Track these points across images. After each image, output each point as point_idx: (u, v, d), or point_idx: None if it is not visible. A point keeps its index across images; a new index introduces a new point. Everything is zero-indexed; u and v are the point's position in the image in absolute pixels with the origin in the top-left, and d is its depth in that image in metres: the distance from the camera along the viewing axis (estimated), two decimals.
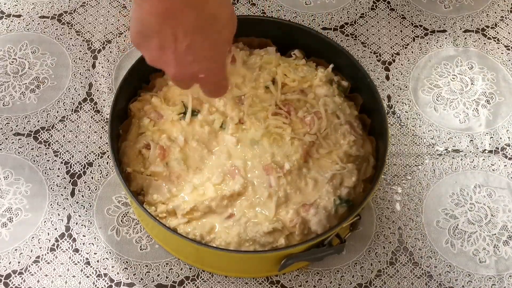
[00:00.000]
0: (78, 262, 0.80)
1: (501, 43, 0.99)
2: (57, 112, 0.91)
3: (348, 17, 1.02)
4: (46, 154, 0.88)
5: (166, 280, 0.79)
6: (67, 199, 0.84)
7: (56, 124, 0.90)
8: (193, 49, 0.64)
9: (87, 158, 0.87)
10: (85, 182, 0.86)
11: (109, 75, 0.94)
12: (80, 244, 0.81)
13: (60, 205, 0.84)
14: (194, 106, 0.81)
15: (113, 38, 0.98)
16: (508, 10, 1.03)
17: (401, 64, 0.97)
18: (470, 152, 0.89)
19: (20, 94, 0.93)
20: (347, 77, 0.86)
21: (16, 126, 0.90)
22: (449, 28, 1.01)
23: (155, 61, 0.67)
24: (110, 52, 0.96)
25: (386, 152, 0.76)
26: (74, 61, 0.96)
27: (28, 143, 0.88)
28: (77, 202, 0.84)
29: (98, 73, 0.95)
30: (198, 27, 0.63)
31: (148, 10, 0.62)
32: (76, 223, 0.83)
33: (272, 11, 1.02)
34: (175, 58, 0.65)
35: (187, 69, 0.66)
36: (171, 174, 0.77)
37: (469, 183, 0.87)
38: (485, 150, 0.90)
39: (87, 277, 0.79)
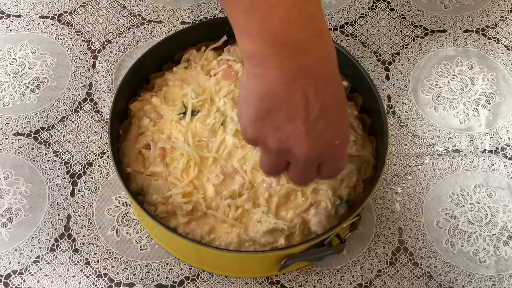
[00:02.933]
0: (78, 262, 0.80)
1: (501, 43, 0.99)
2: (57, 112, 0.91)
3: (348, 17, 1.02)
4: (46, 154, 0.88)
5: (166, 280, 0.79)
6: (67, 199, 0.84)
7: (56, 124, 0.90)
8: (324, 111, 0.56)
9: (87, 158, 0.87)
10: (85, 182, 0.86)
11: (109, 75, 0.94)
12: (80, 244, 0.81)
13: (60, 205, 0.84)
14: (194, 106, 0.81)
15: (113, 38, 0.98)
16: (508, 10, 1.03)
17: (401, 64, 0.97)
18: (470, 152, 0.89)
19: (20, 94, 0.93)
20: (347, 77, 0.86)
21: (16, 126, 0.90)
22: (449, 28, 1.01)
23: (282, 143, 0.57)
24: (110, 52, 0.96)
25: (386, 152, 0.76)
26: (74, 61, 0.96)
27: (28, 143, 0.88)
28: (77, 202, 0.84)
29: (98, 73, 0.95)
30: (328, 81, 0.56)
31: (276, 75, 0.54)
32: (76, 223, 0.83)
33: None
34: (307, 130, 0.56)
35: (321, 139, 0.57)
36: (171, 174, 0.77)
37: (469, 183, 0.87)
38: (485, 150, 0.90)
39: (87, 277, 0.79)
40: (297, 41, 0.53)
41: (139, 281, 0.79)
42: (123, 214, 0.84)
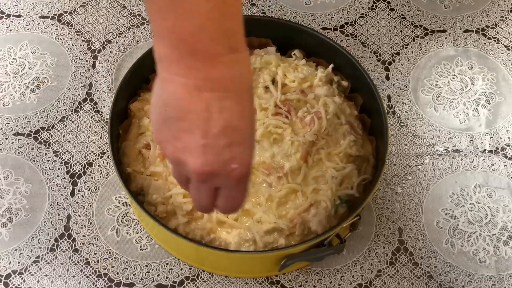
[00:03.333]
0: (78, 262, 0.80)
1: (501, 43, 0.99)
2: (57, 112, 0.91)
3: (348, 17, 1.02)
4: (46, 154, 0.88)
5: (166, 280, 0.79)
6: (67, 199, 0.84)
7: (56, 124, 0.90)
8: (227, 129, 0.53)
9: (87, 158, 0.87)
10: (85, 182, 0.86)
11: (109, 75, 0.94)
12: (80, 244, 0.81)
13: (60, 205, 0.84)
14: None
15: (113, 38, 0.98)
16: (508, 10, 1.03)
17: (401, 64, 0.97)
18: (470, 152, 0.89)
19: (20, 94, 0.93)
20: (347, 77, 0.86)
21: (16, 126, 0.90)
22: (449, 28, 1.01)
23: (178, 153, 0.55)
24: (110, 52, 0.96)
25: (386, 152, 0.76)
26: (74, 61, 0.96)
27: (28, 143, 0.88)
28: (77, 202, 0.84)
29: (98, 73, 0.95)
30: (238, 101, 0.54)
31: (182, 83, 0.53)
32: (76, 223, 0.83)
33: (272, 11, 1.02)
34: (205, 144, 0.53)
35: (218, 157, 0.54)
36: (171, 174, 0.77)
37: (469, 183, 0.87)
38: (485, 150, 0.90)
39: (87, 277, 0.79)
40: (207, 53, 0.52)
41: (139, 281, 0.79)
42: (123, 214, 0.84)
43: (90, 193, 0.85)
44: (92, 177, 0.86)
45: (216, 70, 0.52)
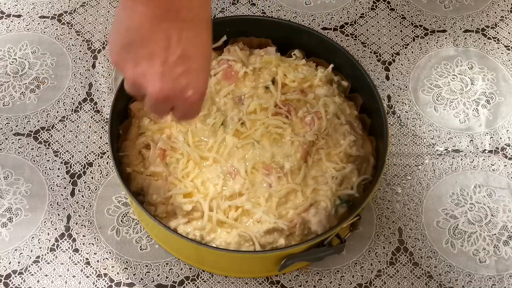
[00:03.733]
0: (78, 262, 0.80)
1: (501, 43, 0.99)
2: (57, 112, 0.91)
3: (348, 17, 1.02)
4: (46, 154, 0.88)
5: (166, 280, 0.79)
6: (67, 199, 0.84)
7: (56, 124, 0.90)
8: (185, 58, 0.58)
9: (87, 158, 0.87)
10: (85, 182, 0.86)
11: (109, 75, 0.94)
12: (80, 244, 0.81)
13: (60, 205, 0.84)
14: None
15: None
16: (508, 10, 1.03)
17: (401, 64, 0.97)
18: (470, 152, 0.89)
19: (20, 94, 0.93)
20: (347, 77, 0.86)
21: (16, 126, 0.90)
22: (449, 28, 1.01)
23: (137, 78, 0.59)
24: None
25: (386, 152, 0.76)
26: (74, 61, 0.96)
27: (28, 143, 0.88)
28: (77, 202, 0.84)
29: (98, 73, 0.95)
30: (195, 31, 0.58)
31: (143, 12, 0.56)
32: (76, 223, 0.83)
33: (272, 11, 1.02)
34: (163, 71, 0.57)
35: (175, 84, 0.58)
36: (171, 174, 0.77)
37: (469, 183, 0.87)
38: (485, 150, 0.90)
39: (87, 277, 0.79)
40: None
41: (139, 281, 0.79)
42: (123, 214, 0.84)
43: (90, 193, 0.85)
44: (92, 177, 0.86)
45: (176, 1, 0.56)
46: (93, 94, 0.93)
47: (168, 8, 0.56)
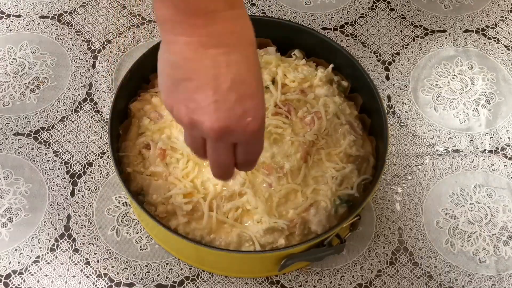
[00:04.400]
0: (78, 262, 0.80)
1: (501, 43, 0.99)
2: (57, 112, 0.91)
3: (348, 17, 1.02)
4: (46, 154, 0.88)
5: (166, 280, 0.79)
6: (67, 199, 0.84)
7: (56, 124, 0.90)
8: (237, 83, 0.54)
9: (87, 158, 0.87)
10: (85, 182, 0.86)
11: (109, 75, 0.94)
12: (80, 244, 0.81)
13: (60, 205, 0.84)
14: None
15: (113, 38, 0.98)
16: (508, 10, 1.03)
17: (401, 64, 0.97)
18: (470, 152, 0.89)
19: (20, 94, 0.93)
20: (347, 77, 0.86)
21: (16, 126, 0.90)
22: (449, 28, 1.01)
23: (192, 115, 0.55)
24: (110, 52, 0.97)
25: (386, 152, 0.76)
26: (74, 61, 0.96)
27: (28, 143, 0.88)
28: (77, 202, 0.84)
29: (98, 73, 0.95)
30: (242, 54, 0.55)
31: (186, 42, 0.54)
32: (76, 223, 0.83)
33: (272, 11, 1.02)
34: (216, 100, 0.54)
35: (231, 113, 0.54)
36: (171, 174, 0.77)
37: (469, 183, 0.87)
38: (485, 150, 0.90)
39: (87, 277, 0.79)
40: (207, 10, 0.53)
41: (139, 281, 0.79)
42: (123, 214, 0.84)
43: (90, 193, 0.85)
44: (92, 177, 0.86)
45: (218, 25, 0.54)
46: (93, 94, 0.93)
47: (211, 34, 0.54)
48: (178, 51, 0.54)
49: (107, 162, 0.87)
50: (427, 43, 0.99)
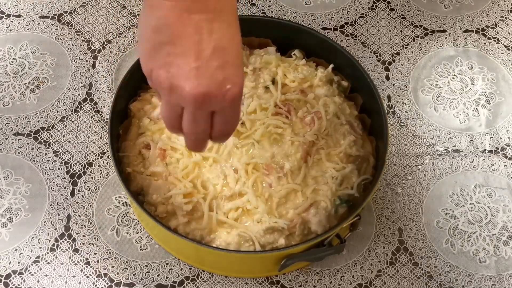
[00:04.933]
0: (78, 262, 0.80)
1: (501, 43, 0.99)
2: (57, 112, 0.91)
3: (348, 17, 1.02)
4: (46, 154, 0.88)
5: (166, 280, 0.79)
6: (67, 199, 0.84)
7: (56, 124, 0.90)
8: (219, 50, 0.55)
9: (87, 158, 0.87)
10: (85, 182, 0.86)
11: (109, 75, 0.94)
12: (80, 244, 0.81)
13: (60, 205, 0.84)
14: None
15: (113, 38, 0.98)
16: (508, 10, 1.03)
17: (401, 64, 0.97)
18: (470, 152, 0.89)
19: (20, 94, 0.93)
20: (347, 77, 0.86)
21: (16, 126, 0.90)
22: (449, 28, 1.01)
23: (173, 80, 0.56)
24: (110, 52, 0.97)
25: (386, 152, 0.76)
26: (74, 61, 0.96)
27: (28, 143, 0.88)
28: (77, 202, 0.84)
29: (98, 73, 0.95)
30: (225, 22, 0.56)
31: (170, 6, 0.54)
32: (76, 223, 0.83)
33: (272, 11, 1.02)
34: (198, 66, 0.55)
35: (212, 79, 0.55)
36: (171, 174, 0.77)
37: (469, 183, 0.87)
38: (485, 150, 0.90)
39: (87, 277, 0.79)
40: None
41: (139, 281, 0.79)
42: (123, 214, 0.84)
43: (90, 193, 0.85)
44: (92, 177, 0.86)
45: None
46: (93, 94, 0.93)
47: (196, 0, 0.54)
48: (161, 16, 0.54)
49: (107, 162, 0.87)
50: (427, 43, 0.99)
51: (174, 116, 0.59)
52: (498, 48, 0.99)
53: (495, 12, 1.03)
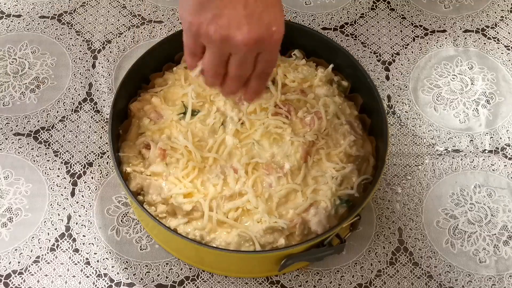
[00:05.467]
0: (78, 262, 0.80)
1: (501, 43, 0.99)
2: (57, 112, 0.91)
3: (348, 17, 1.02)
4: (46, 154, 0.88)
5: (166, 280, 0.79)
6: (67, 199, 0.84)
7: (56, 124, 0.90)
8: None
9: (87, 158, 0.87)
10: (85, 182, 0.86)
11: (109, 75, 0.94)
12: (80, 244, 0.81)
13: (60, 205, 0.84)
14: (194, 106, 0.81)
15: (113, 38, 0.98)
16: (508, 10, 1.03)
17: (401, 64, 0.97)
18: (470, 152, 0.89)
19: (20, 94, 0.93)
20: (347, 77, 0.86)
21: (16, 126, 0.90)
22: (449, 28, 1.01)
23: (224, 31, 0.59)
24: (110, 52, 0.97)
25: (386, 152, 0.76)
26: (74, 61, 0.96)
27: (28, 143, 0.88)
28: (77, 202, 0.84)
29: (98, 73, 0.95)
30: None
31: None
32: (76, 223, 0.83)
33: None
34: (246, 14, 0.58)
35: (260, 24, 0.59)
36: (171, 174, 0.77)
37: (469, 183, 0.87)
38: (485, 150, 0.90)
39: (87, 277, 0.79)
40: None
41: (139, 281, 0.79)
42: (123, 214, 0.84)
43: (90, 193, 0.85)
44: (92, 177, 0.86)
45: None
46: (93, 94, 0.93)
47: None
48: None
49: (107, 162, 0.87)
50: (427, 43, 0.99)
51: (221, 64, 0.63)
52: (498, 48, 0.99)
53: (495, 12, 1.03)
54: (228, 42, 0.59)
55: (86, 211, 0.84)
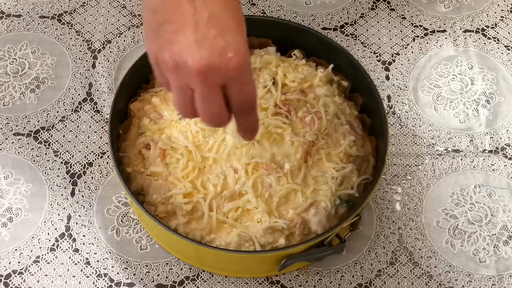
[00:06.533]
0: (78, 262, 0.80)
1: (501, 43, 0.99)
2: (57, 112, 0.91)
3: (348, 17, 1.02)
4: (46, 154, 0.88)
5: (166, 280, 0.79)
6: (67, 199, 0.84)
7: (56, 124, 0.90)
8: (215, 19, 0.55)
9: (87, 158, 0.87)
10: (85, 182, 0.86)
11: (109, 75, 0.94)
12: (80, 244, 0.81)
13: (60, 205, 0.84)
14: None
15: (113, 38, 0.98)
16: (508, 10, 1.03)
17: (401, 64, 0.97)
18: (470, 152, 0.89)
19: (20, 94, 0.93)
20: (347, 77, 0.86)
21: (16, 126, 0.90)
22: (449, 28, 1.01)
23: (176, 58, 0.55)
24: (110, 52, 0.97)
25: (386, 152, 0.76)
26: (74, 61, 0.96)
27: (28, 143, 0.88)
28: (77, 202, 0.84)
29: (98, 73, 0.95)
30: None
31: None
32: (76, 223, 0.83)
33: (272, 11, 1.02)
34: (196, 38, 0.54)
35: (213, 48, 0.54)
36: (171, 174, 0.77)
37: (469, 183, 0.87)
38: (485, 150, 0.90)
39: (87, 277, 0.79)
40: None
41: (139, 281, 0.79)
42: (123, 214, 0.84)
43: (90, 193, 0.85)
44: (92, 177, 0.86)
45: None
46: (93, 94, 0.93)
47: None
48: None
49: (107, 162, 0.87)
50: (427, 43, 0.99)
51: (186, 100, 0.59)
52: (498, 48, 0.99)
53: (495, 12, 1.03)
54: (182, 70, 0.56)
55: (86, 211, 0.84)
